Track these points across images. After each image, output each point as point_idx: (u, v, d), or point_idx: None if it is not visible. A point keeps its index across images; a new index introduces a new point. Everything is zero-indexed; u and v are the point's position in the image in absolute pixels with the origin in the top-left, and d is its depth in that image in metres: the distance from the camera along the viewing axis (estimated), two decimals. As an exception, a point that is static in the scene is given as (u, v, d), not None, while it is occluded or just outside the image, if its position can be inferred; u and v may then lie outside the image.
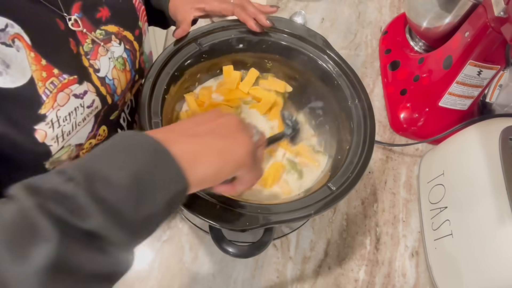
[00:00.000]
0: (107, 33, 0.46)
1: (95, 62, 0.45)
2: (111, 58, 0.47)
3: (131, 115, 0.58)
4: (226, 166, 0.32)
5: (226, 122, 0.34)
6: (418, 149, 0.74)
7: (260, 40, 0.57)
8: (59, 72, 0.39)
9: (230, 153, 0.32)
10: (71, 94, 0.40)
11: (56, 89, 0.39)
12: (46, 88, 0.38)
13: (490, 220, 0.49)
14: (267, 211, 0.41)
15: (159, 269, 0.57)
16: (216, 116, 0.35)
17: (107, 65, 0.46)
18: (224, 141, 0.33)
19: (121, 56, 0.48)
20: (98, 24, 0.45)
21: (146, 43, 0.55)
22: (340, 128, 0.54)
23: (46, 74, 0.38)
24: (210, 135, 0.33)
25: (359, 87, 0.53)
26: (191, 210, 0.40)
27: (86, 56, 0.44)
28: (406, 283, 0.60)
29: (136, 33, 0.51)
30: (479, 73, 0.63)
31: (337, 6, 0.92)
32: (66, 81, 0.40)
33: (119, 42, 0.48)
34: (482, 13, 0.57)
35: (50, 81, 0.38)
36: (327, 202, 0.43)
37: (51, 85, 0.38)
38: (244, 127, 0.35)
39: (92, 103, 0.43)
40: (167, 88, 0.50)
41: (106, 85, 0.46)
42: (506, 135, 0.52)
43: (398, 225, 0.65)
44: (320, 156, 0.57)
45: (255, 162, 0.35)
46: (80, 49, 0.43)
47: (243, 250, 0.42)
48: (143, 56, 0.54)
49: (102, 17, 0.46)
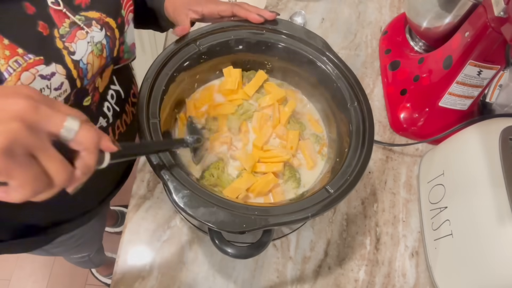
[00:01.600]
0: (87, 18, 0.46)
1: (70, 45, 0.45)
2: (90, 43, 0.47)
3: (119, 105, 0.59)
4: None
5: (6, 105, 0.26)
6: (418, 149, 0.74)
7: (259, 42, 0.57)
8: (24, 52, 0.39)
9: None
10: (37, 75, 0.41)
11: (21, 68, 0.39)
12: (9, 66, 0.38)
13: (490, 220, 0.49)
14: (265, 213, 0.41)
15: (159, 269, 0.58)
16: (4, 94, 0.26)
17: (85, 48, 0.46)
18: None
19: (100, 42, 0.48)
20: (78, 10, 0.46)
21: (129, 34, 0.55)
22: (339, 131, 0.54)
23: (9, 52, 0.38)
24: None
25: (359, 89, 0.53)
26: (189, 212, 0.40)
27: (61, 38, 0.44)
28: (406, 283, 0.60)
29: (119, 21, 0.51)
30: (479, 73, 0.63)
31: (337, 6, 0.92)
32: (32, 60, 0.40)
33: (100, 28, 0.48)
34: (482, 13, 0.57)
35: (14, 59, 0.39)
36: (325, 204, 0.43)
37: (15, 63, 0.39)
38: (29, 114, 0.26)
39: (60, 85, 0.44)
40: (165, 89, 0.50)
41: (79, 69, 0.46)
42: (506, 135, 0.52)
43: (398, 225, 0.65)
44: (319, 157, 0.57)
45: (25, 165, 0.26)
46: (55, 31, 0.43)
47: (242, 250, 0.42)
48: (123, 45, 0.54)
49: (82, 4, 0.46)
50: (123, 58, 0.56)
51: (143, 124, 0.45)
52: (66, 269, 1.38)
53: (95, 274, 1.37)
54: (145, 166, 0.66)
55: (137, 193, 0.63)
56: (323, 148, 0.57)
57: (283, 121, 0.57)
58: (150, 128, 0.45)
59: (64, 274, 1.38)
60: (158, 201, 0.63)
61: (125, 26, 0.53)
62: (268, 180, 0.51)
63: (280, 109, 0.58)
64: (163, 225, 0.61)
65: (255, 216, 0.41)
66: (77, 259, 1.04)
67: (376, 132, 0.75)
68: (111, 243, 1.27)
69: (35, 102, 0.26)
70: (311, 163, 0.55)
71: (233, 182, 0.51)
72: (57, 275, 1.38)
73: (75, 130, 0.28)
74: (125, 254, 0.58)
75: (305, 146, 0.56)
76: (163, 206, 0.62)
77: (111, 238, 1.36)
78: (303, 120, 0.59)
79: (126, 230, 0.60)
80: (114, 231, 1.42)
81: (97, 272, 1.37)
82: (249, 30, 0.56)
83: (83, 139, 0.29)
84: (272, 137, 0.57)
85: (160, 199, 0.63)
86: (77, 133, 0.28)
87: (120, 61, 0.56)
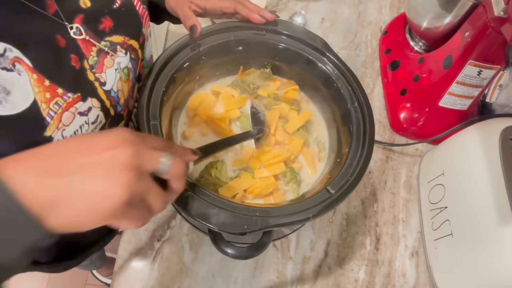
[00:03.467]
0: (112, 44, 0.45)
1: (101, 76, 0.43)
2: (117, 69, 0.45)
3: None
4: (88, 217, 0.27)
5: (115, 156, 0.27)
6: (418, 149, 0.74)
7: (259, 43, 0.56)
8: (63, 91, 0.38)
9: (94, 203, 0.26)
10: (76, 113, 0.40)
11: (61, 110, 0.38)
12: (50, 109, 0.37)
13: (490, 220, 0.49)
14: (266, 214, 0.41)
15: (159, 269, 0.58)
16: (108, 147, 0.28)
17: (113, 77, 0.45)
18: (93, 185, 0.26)
19: (126, 66, 0.47)
20: (102, 35, 0.44)
21: (147, 48, 0.54)
22: (340, 131, 0.54)
23: (50, 95, 0.37)
24: (80, 174, 0.26)
25: (359, 89, 0.53)
26: (189, 214, 0.40)
27: (91, 70, 0.42)
28: (406, 283, 0.61)
29: (141, 41, 0.50)
30: (479, 73, 0.63)
31: (337, 6, 0.92)
32: (71, 99, 0.39)
33: (125, 52, 0.47)
34: (482, 13, 0.57)
35: (54, 101, 0.37)
36: (325, 205, 0.43)
37: (56, 106, 0.37)
38: (135, 161, 0.28)
39: (96, 118, 0.43)
40: (165, 90, 0.50)
41: (111, 98, 0.45)
42: (506, 135, 0.52)
43: (398, 225, 0.65)
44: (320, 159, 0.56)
45: (137, 209, 0.29)
46: (85, 63, 0.41)
47: (242, 251, 0.42)
48: (143, 61, 0.53)
49: (106, 28, 0.44)
50: (143, 74, 0.55)
51: (143, 126, 0.45)
52: (66, 269, 1.38)
53: (95, 274, 1.37)
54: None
55: (137, 193, 0.63)
56: (323, 149, 0.57)
57: (292, 131, 0.57)
58: (151, 130, 0.45)
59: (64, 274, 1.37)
60: (158, 201, 0.63)
61: (145, 43, 0.52)
62: (268, 183, 0.51)
63: (291, 115, 0.58)
64: (163, 225, 0.61)
65: (256, 217, 0.41)
66: None
67: (376, 132, 0.74)
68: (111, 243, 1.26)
69: (136, 147, 0.29)
70: (313, 166, 0.55)
71: (231, 181, 0.51)
72: (57, 275, 1.38)
73: (169, 164, 0.31)
74: (125, 254, 0.58)
75: (308, 152, 0.56)
76: (163, 206, 0.62)
77: (111, 238, 1.36)
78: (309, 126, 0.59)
79: (126, 230, 0.60)
80: (114, 231, 1.42)
81: (97, 272, 1.37)
82: (249, 31, 0.56)
83: (175, 171, 0.32)
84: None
85: (160, 199, 0.63)
86: (170, 167, 0.31)
87: (141, 78, 0.55)
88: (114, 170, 0.27)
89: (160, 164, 0.30)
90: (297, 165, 0.55)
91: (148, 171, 0.30)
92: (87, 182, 0.26)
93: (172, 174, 0.32)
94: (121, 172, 0.27)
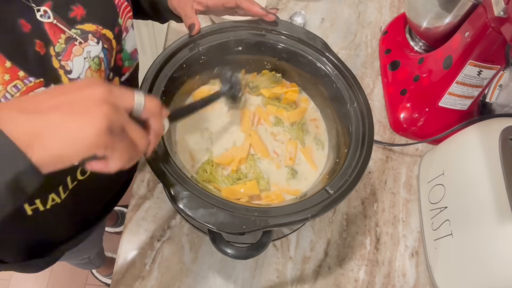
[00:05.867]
0: (83, 32, 0.44)
1: (66, 63, 0.43)
2: (86, 58, 0.45)
3: None
4: (71, 148, 0.27)
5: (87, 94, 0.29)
6: (418, 149, 0.74)
7: (259, 42, 0.57)
8: (25, 74, 0.38)
9: (74, 133, 0.27)
10: None
11: (19, 93, 0.37)
12: (7, 91, 0.36)
13: (490, 220, 0.49)
14: (265, 214, 0.41)
15: (159, 269, 0.58)
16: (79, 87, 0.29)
17: (81, 65, 0.44)
18: (70, 119, 0.28)
19: (97, 56, 0.47)
20: (73, 23, 0.44)
21: (128, 41, 0.53)
22: (339, 131, 0.54)
23: (9, 77, 0.36)
24: (57, 111, 0.28)
25: (358, 90, 0.53)
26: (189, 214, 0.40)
27: (57, 57, 0.42)
28: (406, 283, 0.60)
29: (116, 31, 0.49)
30: (479, 73, 0.63)
31: (337, 6, 0.92)
32: (32, 84, 0.38)
33: (97, 41, 0.46)
34: (482, 13, 0.57)
35: (13, 84, 0.37)
36: (324, 205, 0.43)
37: (14, 89, 0.37)
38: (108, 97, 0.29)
39: None
40: (165, 90, 0.50)
41: None
42: (506, 135, 0.52)
43: (398, 225, 0.65)
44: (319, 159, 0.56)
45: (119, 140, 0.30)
46: (51, 49, 0.41)
47: (242, 251, 0.42)
48: (122, 53, 0.53)
49: (77, 16, 0.44)
50: (124, 67, 0.55)
51: None
52: (66, 269, 1.38)
53: (95, 274, 1.37)
54: (145, 166, 0.66)
55: (137, 193, 0.63)
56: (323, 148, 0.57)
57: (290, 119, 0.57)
58: None
59: (64, 274, 1.39)
60: (158, 201, 0.63)
61: (123, 34, 0.51)
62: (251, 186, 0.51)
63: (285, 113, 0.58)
64: (163, 225, 0.61)
65: (254, 217, 0.41)
66: (78, 261, 1.04)
67: (376, 132, 0.75)
68: (111, 243, 1.27)
69: (108, 87, 0.30)
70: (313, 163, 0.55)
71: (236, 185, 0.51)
72: (57, 275, 1.38)
73: (144, 101, 0.32)
74: (125, 254, 0.58)
75: (306, 152, 0.56)
76: (163, 206, 0.62)
77: (111, 238, 1.36)
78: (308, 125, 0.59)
79: (126, 230, 0.60)
80: (114, 231, 1.43)
81: (97, 272, 1.37)
82: (248, 31, 0.56)
83: (151, 107, 0.33)
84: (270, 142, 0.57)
85: (160, 199, 0.63)
86: (146, 103, 0.32)
87: (122, 71, 0.55)
88: (90, 104, 0.28)
89: (134, 101, 0.32)
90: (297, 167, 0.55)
91: (123, 107, 0.31)
92: (65, 116, 0.28)
93: (149, 110, 0.33)
94: (97, 106, 0.28)
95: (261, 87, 0.60)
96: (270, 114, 0.59)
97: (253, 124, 0.57)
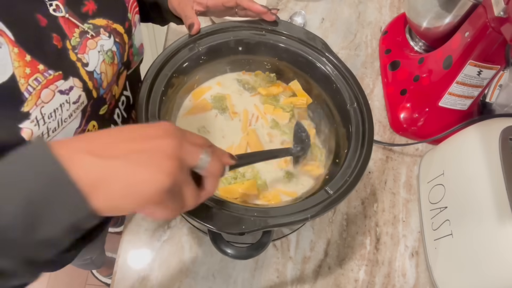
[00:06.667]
0: (95, 26, 0.45)
1: (83, 56, 0.44)
2: (100, 52, 0.46)
3: (127, 111, 0.58)
4: (130, 199, 0.27)
5: (158, 145, 0.28)
6: (418, 149, 0.74)
7: (259, 42, 0.57)
8: (44, 67, 0.38)
9: (138, 186, 0.27)
10: (56, 91, 0.40)
11: (40, 86, 0.38)
12: (29, 85, 0.37)
13: (490, 220, 0.49)
14: (265, 214, 0.41)
15: (159, 269, 0.58)
16: (152, 136, 0.29)
17: (96, 58, 0.45)
18: (137, 170, 0.27)
19: (110, 49, 0.47)
20: (85, 18, 0.44)
21: (136, 36, 0.54)
22: (339, 132, 0.54)
23: (30, 70, 0.37)
24: (125, 160, 0.27)
25: (358, 90, 0.53)
26: (188, 214, 0.40)
27: (73, 50, 0.43)
28: (406, 283, 0.60)
29: (126, 26, 0.50)
30: (479, 73, 0.63)
31: (337, 6, 0.92)
32: (52, 77, 0.39)
33: (109, 35, 0.47)
34: (482, 13, 0.57)
35: (34, 77, 0.37)
36: (324, 206, 0.43)
37: (35, 82, 0.38)
38: (178, 153, 0.29)
39: (78, 98, 0.43)
40: (165, 89, 0.50)
41: (94, 80, 0.45)
42: (506, 135, 0.52)
43: (398, 225, 0.65)
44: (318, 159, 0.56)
45: (174, 199, 0.30)
46: (67, 43, 0.42)
47: (242, 251, 0.42)
48: (132, 49, 0.54)
49: (89, 11, 0.45)
50: (133, 61, 0.55)
51: None
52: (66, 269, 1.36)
53: (95, 274, 1.37)
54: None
55: (137, 193, 0.63)
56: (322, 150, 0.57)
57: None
58: None
59: (64, 274, 1.39)
60: (158, 201, 0.63)
61: (133, 29, 0.52)
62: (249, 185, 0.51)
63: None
64: (163, 225, 0.61)
65: (254, 218, 0.41)
66: (80, 262, 1.04)
67: (376, 132, 0.75)
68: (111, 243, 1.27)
69: (179, 140, 0.30)
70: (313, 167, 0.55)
71: (234, 184, 0.51)
72: (57, 275, 1.38)
73: (208, 161, 0.32)
74: (125, 254, 0.58)
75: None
76: (163, 206, 0.62)
77: (111, 238, 1.36)
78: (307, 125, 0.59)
79: (126, 230, 0.60)
80: (114, 231, 1.42)
81: (97, 272, 1.37)
82: (248, 31, 0.56)
83: (213, 169, 0.33)
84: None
85: (160, 199, 0.63)
86: (209, 164, 0.32)
87: (131, 65, 0.56)
88: (159, 158, 0.28)
89: (199, 160, 0.31)
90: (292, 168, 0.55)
91: (188, 165, 0.31)
92: (133, 166, 0.27)
93: (209, 171, 0.33)
94: (166, 160, 0.28)
95: (257, 87, 0.60)
96: (267, 113, 0.59)
97: (250, 125, 0.58)
